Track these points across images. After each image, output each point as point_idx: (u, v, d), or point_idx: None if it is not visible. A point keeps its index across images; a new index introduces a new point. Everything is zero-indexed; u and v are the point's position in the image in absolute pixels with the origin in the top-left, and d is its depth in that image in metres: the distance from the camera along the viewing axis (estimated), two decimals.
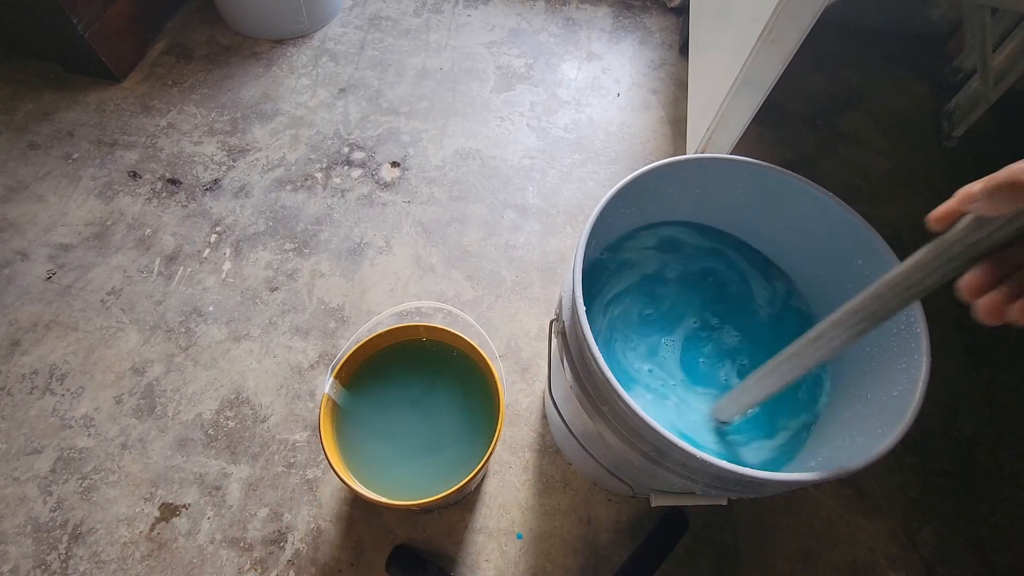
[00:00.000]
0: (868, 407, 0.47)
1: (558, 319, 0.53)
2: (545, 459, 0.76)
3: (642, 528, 0.72)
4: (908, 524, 0.75)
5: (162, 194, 0.96)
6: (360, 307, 0.87)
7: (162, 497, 0.72)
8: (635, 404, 0.39)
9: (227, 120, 1.06)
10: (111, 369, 0.80)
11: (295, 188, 0.99)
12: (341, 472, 0.57)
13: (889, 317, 0.34)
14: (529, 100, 1.13)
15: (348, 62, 1.16)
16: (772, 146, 1.09)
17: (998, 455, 0.80)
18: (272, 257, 0.91)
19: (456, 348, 0.68)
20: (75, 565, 0.67)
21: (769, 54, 0.69)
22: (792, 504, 0.75)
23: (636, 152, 1.07)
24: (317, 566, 0.68)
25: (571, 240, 0.95)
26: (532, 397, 0.80)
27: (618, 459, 0.53)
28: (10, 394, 0.77)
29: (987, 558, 0.73)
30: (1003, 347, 0.89)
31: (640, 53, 1.23)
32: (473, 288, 0.89)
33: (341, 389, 0.64)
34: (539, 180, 1.02)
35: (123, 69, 1.09)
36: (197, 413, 0.77)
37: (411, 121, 1.09)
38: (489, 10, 1.28)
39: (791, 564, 0.71)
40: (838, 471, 0.38)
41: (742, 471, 0.37)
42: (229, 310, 0.85)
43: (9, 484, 0.72)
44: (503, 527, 0.71)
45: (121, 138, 1.02)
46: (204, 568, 0.68)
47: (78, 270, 0.88)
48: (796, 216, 0.54)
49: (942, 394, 0.84)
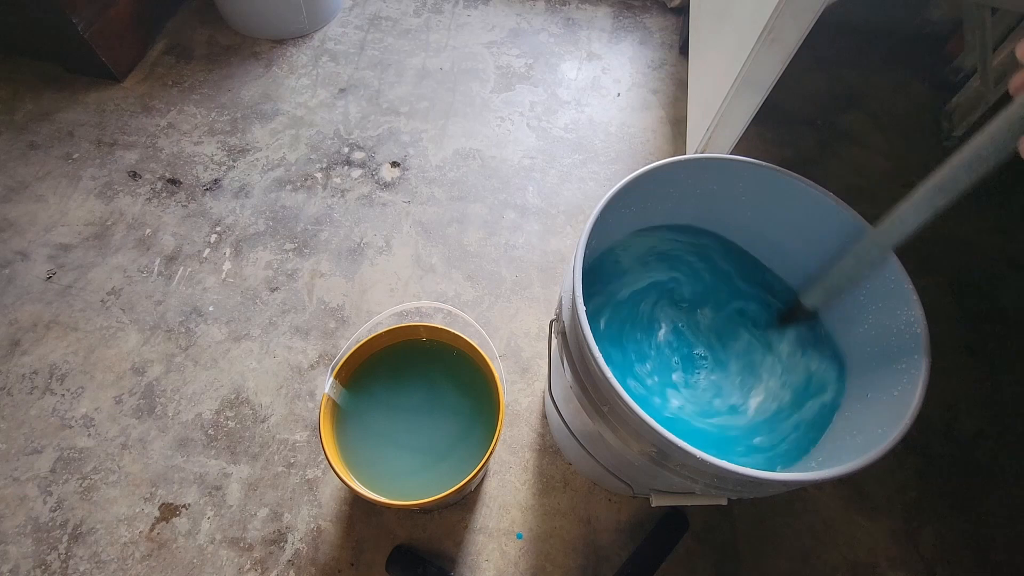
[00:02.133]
0: (868, 407, 0.47)
1: (558, 319, 0.53)
2: (545, 459, 0.76)
3: (642, 528, 0.72)
4: (908, 524, 0.75)
5: (162, 194, 0.96)
6: (360, 307, 0.87)
7: (162, 497, 0.72)
8: (635, 404, 0.39)
9: (227, 120, 1.06)
10: (111, 369, 0.80)
11: (295, 188, 0.99)
12: (341, 472, 0.57)
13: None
14: (529, 100, 1.13)
15: (348, 62, 1.16)
16: (772, 146, 1.09)
17: (998, 455, 0.80)
18: (272, 257, 0.91)
19: (456, 348, 0.68)
20: (75, 565, 0.67)
21: (769, 54, 0.69)
22: (792, 504, 0.75)
23: (636, 152, 1.07)
24: (317, 566, 0.68)
25: (571, 240, 0.95)
26: (532, 397, 0.80)
27: (618, 459, 0.53)
28: (10, 394, 0.77)
29: (987, 558, 0.73)
30: (1003, 347, 0.88)
31: (640, 53, 1.23)
32: (473, 288, 0.89)
33: (341, 389, 0.64)
34: (539, 180, 1.02)
35: (123, 69, 1.09)
36: (197, 413, 0.77)
37: (411, 121, 1.09)
38: (489, 10, 1.28)
39: (791, 564, 0.71)
40: (838, 471, 0.38)
41: (742, 471, 0.37)
42: (229, 310, 0.85)
43: (9, 484, 0.72)
44: (503, 527, 0.71)
45: (121, 138, 1.02)
46: (204, 568, 0.68)
47: (78, 270, 0.88)
48: (796, 216, 0.54)
49: (942, 394, 0.84)
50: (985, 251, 0.98)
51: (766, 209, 0.56)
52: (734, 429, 0.53)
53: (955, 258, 0.97)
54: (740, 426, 0.54)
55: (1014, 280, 0.95)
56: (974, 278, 0.95)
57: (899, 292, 0.47)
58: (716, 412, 0.54)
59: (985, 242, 0.99)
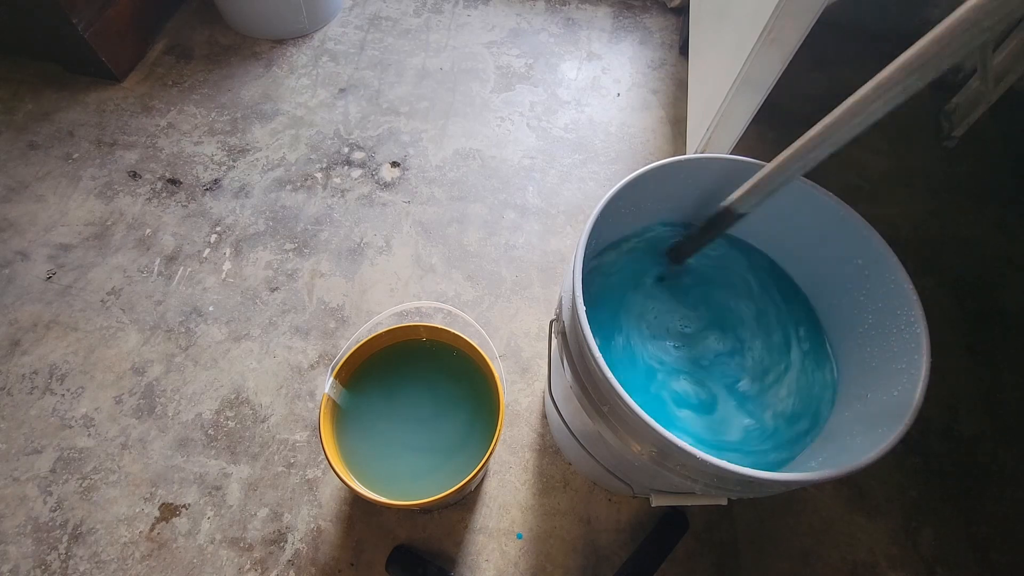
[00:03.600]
0: (868, 407, 0.47)
1: (558, 319, 0.53)
2: (545, 459, 0.76)
3: (642, 528, 0.72)
4: (908, 524, 0.75)
5: (162, 194, 0.96)
6: (360, 307, 0.87)
7: (162, 497, 0.72)
8: (635, 404, 0.39)
9: (227, 120, 1.06)
10: (111, 369, 0.80)
11: (295, 188, 0.99)
12: (341, 472, 0.57)
13: (940, 70, 0.31)
14: (529, 100, 1.13)
15: (348, 62, 1.16)
16: (772, 146, 1.09)
17: (998, 455, 0.80)
18: (272, 257, 0.91)
19: (456, 348, 0.68)
20: (75, 565, 0.67)
21: (769, 54, 0.69)
22: (792, 504, 0.75)
23: (636, 152, 1.07)
24: (317, 566, 0.68)
25: (571, 240, 0.95)
26: (532, 397, 0.80)
27: (618, 459, 0.53)
28: (10, 394, 0.77)
29: (987, 558, 0.73)
30: (1003, 347, 0.88)
31: (640, 53, 1.23)
32: (473, 288, 0.89)
33: (341, 389, 0.64)
34: (539, 180, 1.02)
35: (123, 69, 1.09)
36: (197, 413, 0.77)
37: (411, 121, 1.09)
38: (489, 10, 1.28)
39: (791, 564, 0.71)
40: (838, 471, 0.38)
41: (742, 471, 0.37)
42: (229, 310, 0.85)
43: (9, 484, 0.72)
44: (503, 527, 0.71)
45: (121, 138, 1.02)
46: (204, 568, 0.68)
47: (78, 270, 0.88)
48: (796, 216, 0.54)
49: (942, 394, 0.84)
50: (985, 251, 0.98)
51: (766, 209, 0.56)
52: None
53: (955, 258, 0.97)
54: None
55: (1014, 280, 0.95)
56: (974, 278, 0.95)
57: (899, 292, 0.47)
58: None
59: (985, 242, 0.99)
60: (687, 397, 0.55)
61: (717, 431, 0.53)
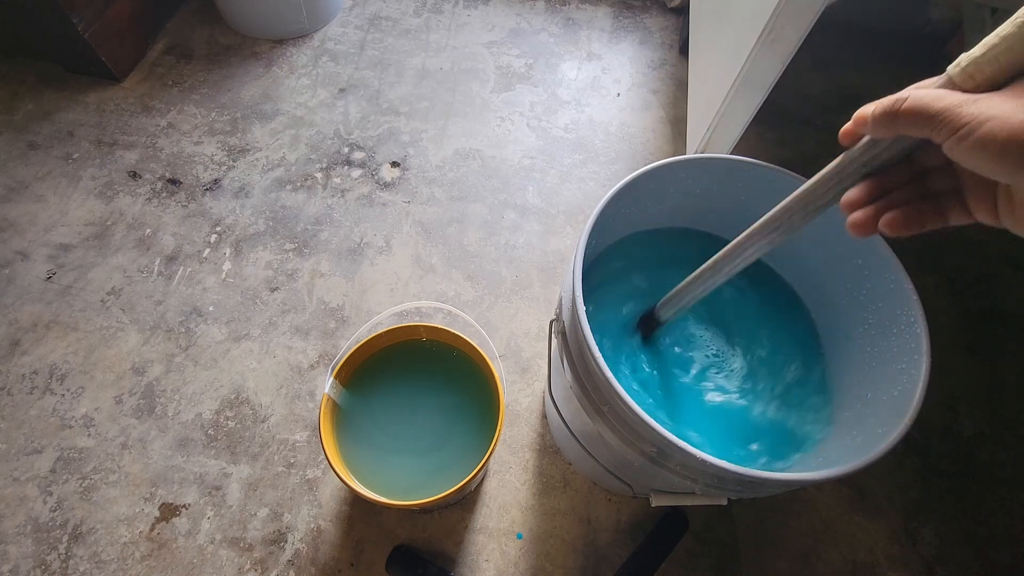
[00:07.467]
0: (868, 407, 0.47)
1: (558, 319, 0.53)
2: (545, 459, 0.76)
3: (642, 528, 0.72)
4: (908, 524, 0.75)
5: (162, 194, 0.96)
6: (360, 307, 0.87)
7: (162, 497, 0.72)
8: (635, 404, 0.39)
9: (227, 120, 1.06)
10: (111, 369, 0.80)
11: (295, 188, 0.99)
12: (341, 472, 0.57)
13: (796, 231, 0.37)
14: (529, 100, 1.13)
15: (348, 62, 1.16)
16: (772, 146, 1.09)
17: (998, 455, 0.80)
18: (272, 257, 0.91)
19: (456, 348, 0.68)
20: (75, 565, 0.67)
21: (769, 54, 0.69)
22: (792, 504, 0.75)
23: (636, 152, 1.07)
24: (317, 566, 0.68)
25: (571, 240, 0.95)
26: (532, 397, 0.80)
27: (618, 459, 0.53)
28: (10, 394, 0.77)
29: (987, 558, 0.73)
30: (1003, 347, 0.88)
31: (640, 53, 1.23)
32: (473, 288, 0.89)
33: (341, 389, 0.64)
34: (539, 180, 1.02)
35: (123, 69, 1.10)
36: (197, 413, 0.77)
37: (411, 121, 1.09)
38: (489, 10, 1.28)
39: (791, 564, 0.71)
40: (838, 471, 0.38)
41: (742, 471, 0.37)
42: (229, 310, 0.85)
43: (9, 484, 0.72)
44: (503, 527, 0.71)
45: (121, 138, 1.02)
46: (204, 568, 0.68)
47: (78, 270, 0.88)
48: None
49: (942, 394, 0.84)
50: (985, 251, 0.98)
51: (766, 209, 0.56)
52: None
53: (955, 258, 0.97)
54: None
55: (1014, 280, 0.95)
56: (974, 278, 0.95)
57: (899, 292, 0.47)
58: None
59: (985, 242, 0.99)
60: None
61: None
